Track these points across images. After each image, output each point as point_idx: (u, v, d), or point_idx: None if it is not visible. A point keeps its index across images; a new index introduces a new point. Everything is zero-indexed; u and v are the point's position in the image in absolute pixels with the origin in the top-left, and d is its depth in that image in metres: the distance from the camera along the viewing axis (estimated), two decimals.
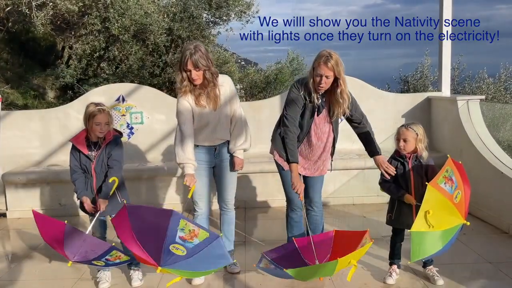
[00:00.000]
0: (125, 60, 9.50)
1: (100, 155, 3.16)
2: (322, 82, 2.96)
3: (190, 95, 3.10)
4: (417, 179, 3.02)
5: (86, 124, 3.14)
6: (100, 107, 3.11)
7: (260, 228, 4.47)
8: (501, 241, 3.90)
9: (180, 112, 3.12)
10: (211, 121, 3.16)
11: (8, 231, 4.71)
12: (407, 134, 3.03)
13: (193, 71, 3.00)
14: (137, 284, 3.28)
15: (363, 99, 5.51)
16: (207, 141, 3.23)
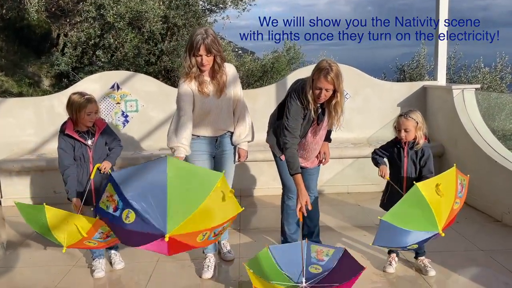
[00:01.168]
0: (120, 48, 9.44)
1: (97, 143, 3.16)
2: (322, 95, 2.93)
3: (194, 81, 2.97)
4: (410, 166, 3.06)
5: (73, 115, 3.08)
6: (88, 97, 3.07)
7: (255, 216, 4.48)
8: (494, 230, 3.93)
9: (180, 97, 2.98)
10: (213, 110, 3.04)
11: (2, 219, 4.70)
12: (408, 124, 3.01)
13: (205, 57, 2.87)
14: (120, 266, 3.33)
15: (359, 88, 5.53)
16: (209, 131, 3.11)
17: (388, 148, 3.21)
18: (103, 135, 3.21)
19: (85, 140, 3.12)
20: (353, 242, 3.74)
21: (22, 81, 11.26)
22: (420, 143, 3.03)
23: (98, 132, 3.17)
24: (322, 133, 3.19)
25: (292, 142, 3.05)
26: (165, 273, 3.26)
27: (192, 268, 3.32)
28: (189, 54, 2.91)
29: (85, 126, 3.12)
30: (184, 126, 2.94)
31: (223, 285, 3.06)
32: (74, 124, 3.11)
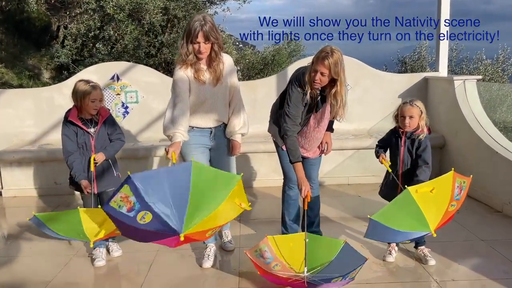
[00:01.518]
0: (120, 40, 9.40)
1: (99, 131, 3.16)
2: (317, 78, 2.89)
3: (191, 68, 2.92)
4: (406, 155, 3.06)
5: (78, 102, 3.10)
6: (93, 84, 3.09)
7: (255, 207, 4.47)
8: (495, 220, 3.92)
9: (176, 84, 2.93)
10: (208, 98, 3.00)
11: (3, 209, 4.71)
12: (413, 111, 2.99)
13: (202, 44, 2.83)
14: (118, 254, 3.37)
15: (360, 79, 5.51)
16: (204, 121, 3.05)
17: (387, 138, 3.23)
18: (106, 124, 3.22)
19: (88, 128, 3.12)
20: (353, 233, 3.74)
21: (22, 73, 11.24)
22: (424, 132, 3.01)
23: (101, 121, 3.17)
24: (324, 122, 3.17)
25: (293, 129, 3.04)
26: (166, 263, 3.27)
27: (193, 257, 3.32)
28: (187, 41, 2.86)
29: (89, 114, 3.13)
30: (181, 112, 2.87)
31: (223, 274, 3.06)
32: (78, 111, 3.12)
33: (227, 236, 3.49)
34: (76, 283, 2.98)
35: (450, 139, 4.95)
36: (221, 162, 3.17)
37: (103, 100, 3.16)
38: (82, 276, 3.11)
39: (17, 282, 3.02)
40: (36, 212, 2.93)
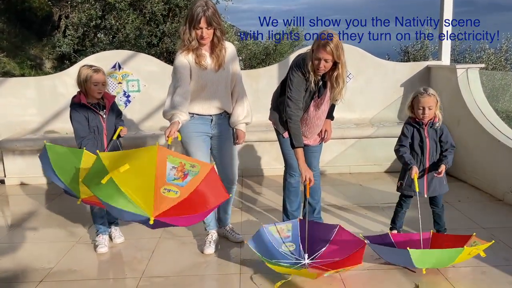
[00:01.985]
0: (121, 29, 9.37)
1: (109, 115, 3.18)
2: (321, 65, 2.89)
3: (192, 54, 2.90)
4: (432, 146, 3.02)
5: (82, 87, 3.11)
6: (95, 68, 3.09)
7: (257, 196, 4.49)
8: (496, 208, 3.93)
9: (177, 69, 2.91)
10: (209, 84, 2.97)
11: (6, 197, 4.73)
12: (430, 101, 2.93)
13: (205, 29, 2.81)
14: (121, 240, 3.40)
15: (362, 68, 5.49)
16: (204, 107, 3.02)
17: (408, 134, 3.07)
18: (113, 108, 3.24)
19: (98, 110, 3.13)
20: (354, 220, 3.75)
21: (24, 63, 11.24)
22: (440, 120, 2.99)
23: (108, 105, 3.18)
24: (324, 108, 3.16)
25: (297, 113, 3.04)
26: (167, 250, 3.29)
27: (194, 244, 3.34)
28: (189, 26, 2.84)
29: (94, 98, 3.13)
30: (181, 97, 2.85)
31: (225, 261, 3.08)
32: (85, 96, 3.13)
33: (233, 230, 3.42)
34: (79, 270, 3.00)
35: (453, 128, 4.91)
36: (222, 151, 3.16)
37: (106, 84, 3.15)
38: (85, 262, 3.13)
39: (20, 268, 3.05)
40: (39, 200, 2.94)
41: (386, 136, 5.03)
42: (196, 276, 2.89)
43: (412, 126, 3.05)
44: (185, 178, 2.46)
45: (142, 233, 3.53)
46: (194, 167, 2.50)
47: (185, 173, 2.47)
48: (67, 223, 3.87)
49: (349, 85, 5.49)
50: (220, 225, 3.42)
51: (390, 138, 5.05)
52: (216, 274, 2.93)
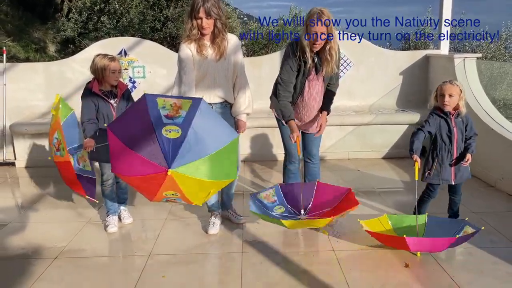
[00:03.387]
0: (125, 14, 9.44)
1: (120, 103, 3.31)
2: (318, 40, 3.03)
3: (194, 43, 3.06)
4: (459, 135, 3.12)
5: (99, 75, 3.23)
6: (111, 56, 3.24)
7: (259, 180, 4.66)
8: (488, 194, 4.10)
9: (181, 59, 3.08)
10: (209, 73, 3.11)
11: (17, 179, 4.92)
12: (453, 89, 3.02)
13: (204, 19, 2.97)
14: (129, 221, 3.57)
15: (364, 56, 5.62)
16: (204, 95, 3.01)
17: (432, 122, 3.13)
18: (124, 96, 3.36)
19: (109, 99, 3.27)
20: None
21: (29, 46, 11.32)
22: (463, 112, 3.08)
23: (120, 94, 3.32)
24: (318, 88, 3.26)
25: (284, 95, 3.20)
26: (173, 230, 3.47)
27: (199, 225, 3.53)
28: (190, 16, 3.01)
29: (110, 85, 3.27)
30: (187, 86, 3.05)
31: (228, 240, 3.26)
32: (99, 83, 3.27)
33: (235, 212, 3.60)
34: (90, 248, 3.19)
35: None
36: None
37: (122, 71, 3.31)
38: (96, 241, 3.31)
39: (35, 246, 3.24)
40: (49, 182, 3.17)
41: (384, 123, 5.19)
42: (201, 254, 3.07)
43: (439, 117, 3.12)
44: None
45: (149, 215, 3.73)
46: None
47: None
48: (77, 204, 4.05)
49: (350, 74, 5.64)
50: (223, 208, 3.60)
51: (388, 125, 5.24)
52: (219, 253, 3.12)
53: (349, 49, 5.57)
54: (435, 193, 3.32)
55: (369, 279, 2.70)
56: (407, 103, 5.60)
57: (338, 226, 3.42)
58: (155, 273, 2.82)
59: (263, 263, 2.91)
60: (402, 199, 4.06)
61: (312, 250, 3.11)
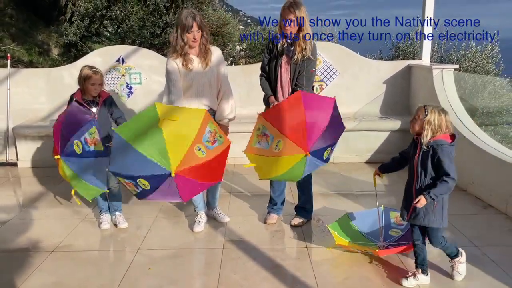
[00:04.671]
0: (126, 20, 9.75)
1: (101, 111, 3.59)
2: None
3: (180, 58, 3.37)
4: (420, 167, 2.69)
5: (81, 85, 3.55)
6: (95, 69, 3.52)
7: (246, 183, 4.92)
8: (458, 198, 4.35)
9: (168, 71, 3.39)
10: (195, 83, 3.40)
11: (19, 179, 5.22)
12: (419, 112, 2.67)
13: (196, 32, 3.30)
14: (124, 226, 3.77)
15: (348, 66, 5.91)
16: (190, 103, 3.41)
17: (408, 147, 2.88)
18: (106, 104, 3.64)
19: (90, 107, 3.56)
20: (329, 206, 4.19)
21: (32, 49, 11.65)
22: (440, 139, 2.62)
23: (101, 102, 3.61)
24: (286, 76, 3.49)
25: (261, 77, 3.60)
26: (162, 227, 3.76)
27: (185, 223, 3.81)
28: (181, 32, 3.30)
29: (90, 95, 3.57)
30: (175, 96, 3.38)
31: (211, 237, 3.55)
32: (82, 93, 3.56)
33: (220, 212, 3.89)
34: (84, 243, 3.48)
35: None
36: None
37: (103, 84, 3.59)
38: (90, 237, 3.60)
39: (34, 240, 3.53)
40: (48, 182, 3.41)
41: (368, 130, 5.46)
42: (186, 250, 3.36)
43: (412, 141, 2.81)
44: (214, 143, 2.94)
45: (141, 213, 4.01)
46: (221, 137, 3.01)
47: (215, 139, 2.96)
48: (74, 203, 4.30)
49: (335, 82, 5.93)
50: (208, 207, 3.89)
51: (371, 132, 5.51)
52: (202, 248, 3.41)
53: (334, 58, 5.86)
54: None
55: (335, 272, 2.98)
56: (390, 111, 5.87)
57: (313, 226, 3.71)
58: (142, 266, 3.11)
59: (241, 258, 3.19)
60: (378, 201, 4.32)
61: (287, 247, 3.39)
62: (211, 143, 2.90)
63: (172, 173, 2.75)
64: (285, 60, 3.50)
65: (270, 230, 3.67)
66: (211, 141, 2.90)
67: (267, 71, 3.58)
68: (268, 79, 3.60)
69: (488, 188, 4.14)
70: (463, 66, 7.84)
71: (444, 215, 2.79)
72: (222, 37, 11.64)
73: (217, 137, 2.95)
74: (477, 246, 3.31)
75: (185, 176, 2.82)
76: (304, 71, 3.45)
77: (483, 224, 3.75)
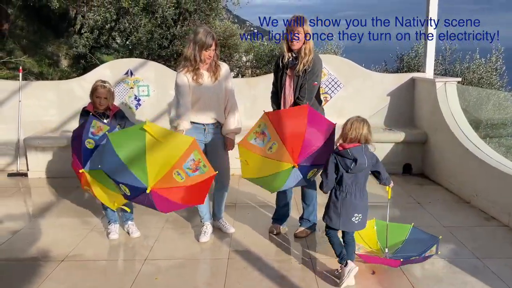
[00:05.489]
0: (134, 32, 9.91)
1: (111, 123, 3.70)
2: (294, 38, 3.45)
3: (190, 73, 3.47)
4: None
5: (90, 95, 3.69)
6: (102, 83, 3.66)
7: (251, 193, 4.99)
8: (461, 210, 4.41)
9: (178, 84, 3.49)
10: (202, 97, 3.49)
11: (29, 189, 5.33)
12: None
13: (212, 51, 3.43)
14: (137, 235, 3.86)
15: (351, 78, 5.99)
16: (197, 117, 3.54)
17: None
18: (116, 117, 3.77)
19: (102, 119, 3.67)
20: None
21: (43, 61, 11.86)
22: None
23: (111, 115, 3.73)
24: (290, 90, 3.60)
25: (272, 93, 3.74)
26: (169, 238, 3.84)
27: (192, 234, 3.89)
28: (199, 49, 3.39)
29: (98, 108, 3.69)
30: (184, 108, 3.48)
31: (217, 248, 3.62)
32: (94, 105, 3.70)
33: (225, 223, 3.96)
34: (93, 253, 3.57)
35: (431, 135, 5.42)
36: (215, 157, 3.63)
37: (108, 98, 3.70)
38: (98, 247, 3.69)
39: (44, 250, 3.61)
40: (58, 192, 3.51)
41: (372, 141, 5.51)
42: (192, 260, 3.43)
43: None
44: (195, 171, 3.04)
45: (148, 223, 4.10)
46: (205, 167, 3.09)
47: (197, 168, 3.06)
48: (83, 213, 4.43)
49: (339, 93, 6.01)
50: (214, 218, 3.96)
51: (375, 143, 5.55)
52: (208, 258, 3.48)
53: (338, 70, 5.95)
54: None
55: (338, 284, 3.03)
56: (394, 123, 5.93)
57: (317, 237, 3.77)
58: (149, 276, 3.18)
59: (246, 268, 3.26)
60: (383, 212, 4.37)
61: (291, 258, 3.45)
62: (192, 170, 3.03)
63: (148, 189, 2.92)
64: (289, 73, 3.59)
65: (275, 241, 3.74)
66: (192, 169, 3.03)
67: (276, 85, 3.72)
68: (277, 92, 3.73)
69: (491, 201, 4.19)
70: (467, 78, 7.89)
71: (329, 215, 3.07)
72: (229, 48, 11.78)
73: (200, 166, 3.07)
74: (479, 258, 3.35)
75: (162, 195, 3.00)
76: (306, 84, 3.54)
77: (486, 236, 3.79)
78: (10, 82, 6.43)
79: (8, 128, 5.81)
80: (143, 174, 2.92)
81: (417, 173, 5.60)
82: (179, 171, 2.98)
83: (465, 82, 7.68)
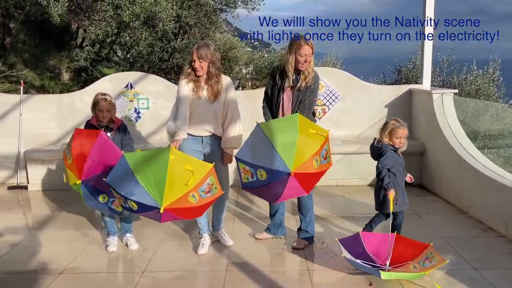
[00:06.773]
0: (135, 45, 10.02)
1: (114, 136, 3.74)
2: (307, 60, 3.50)
3: (192, 83, 3.53)
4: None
5: (92, 109, 3.72)
6: (104, 96, 3.69)
7: (250, 205, 5.02)
8: (459, 220, 4.42)
9: (179, 91, 3.54)
10: (199, 111, 3.53)
11: (29, 202, 5.36)
12: (405, 132, 3.56)
13: (197, 61, 3.46)
14: (135, 247, 3.87)
15: (350, 90, 6.05)
16: (194, 130, 3.57)
17: (392, 158, 3.54)
18: (119, 130, 3.80)
19: (106, 132, 3.70)
20: (333, 228, 4.27)
21: (44, 74, 11.96)
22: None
23: (115, 128, 3.77)
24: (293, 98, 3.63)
25: (265, 103, 3.78)
26: (167, 249, 3.85)
27: (190, 245, 3.90)
28: (190, 59, 3.53)
29: (100, 121, 3.72)
30: (182, 115, 3.50)
31: (215, 260, 3.63)
32: (97, 118, 3.73)
33: (224, 234, 3.97)
34: (92, 265, 3.58)
35: (429, 146, 5.45)
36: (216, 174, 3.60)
37: (110, 111, 3.72)
38: (97, 259, 3.70)
39: (43, 262, 3.63)
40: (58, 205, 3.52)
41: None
42: (190, 272, 3.44)
43: (394, 151, 3.58)
44: (207, 193, 3.15)
45: (147, 235, 4.11)
46: (216, 189, 3.20)
47: (210, 190, 3.17)
48: (82, 225, 4.45)
49: (337, 105, 6.06)
50: (213, 229, 3.98)
51: None
52: (206, 271, 3.49)
53: (336, 83, 6.01)
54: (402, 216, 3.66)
55: None
56: None
57: (315, 248, 3.78)
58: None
59: (244, 280, 3.27)
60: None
61: (288, 269, 3.46)
62: (205, 192, 3.14)
63: (161, 210, 2.96)
64: (289, 87, 3.63)
65: (273, 252, 3.75)
66: (205, 191, 3.13)
67: (270, 96, 3.74)
68: (270, 103, 3.75)
69: (489, 211, 4.20)
70: (465, 89, 7.93)
71: None
72: (229, 61, 11.90)
73: (212, 189, 3.17)
74: (476, 269, 3.36)
75: (172, 213, 3.06)
76: (307, 99, 3.60)
77: (483, 247, 3.80)
78: (11, 95, 6.49)
79: (9, 142, 5.85)
80: (159, 196, 2.96)
81: (416, 184, 5.60)
82: (195, 194, 3.08)
83: (462, 93, 7.72)
